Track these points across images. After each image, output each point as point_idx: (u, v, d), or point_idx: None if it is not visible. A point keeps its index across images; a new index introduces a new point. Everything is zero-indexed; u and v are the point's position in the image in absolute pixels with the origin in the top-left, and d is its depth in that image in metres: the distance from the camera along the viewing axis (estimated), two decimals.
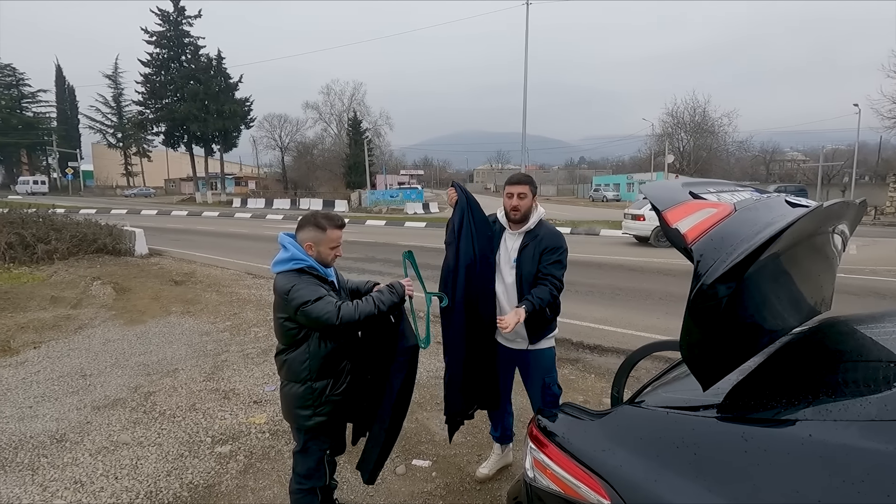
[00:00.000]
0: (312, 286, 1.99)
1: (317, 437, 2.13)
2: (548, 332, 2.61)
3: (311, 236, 2.08)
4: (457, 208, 2.45)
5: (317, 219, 2.11)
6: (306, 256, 2.06)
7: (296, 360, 2.05)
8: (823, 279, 1.90)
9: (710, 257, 1.23)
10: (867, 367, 1.31)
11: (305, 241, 2.08)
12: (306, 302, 1.94)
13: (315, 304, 1.94)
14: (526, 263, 2.47)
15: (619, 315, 6.48)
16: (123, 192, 55.39)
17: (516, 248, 2.51)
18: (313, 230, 2.09)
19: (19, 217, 10.83)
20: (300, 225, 2.13)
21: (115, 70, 57.10)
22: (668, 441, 1.25)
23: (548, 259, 2.46)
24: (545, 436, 1.52)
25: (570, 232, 17.79)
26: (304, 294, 1.95)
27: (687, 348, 1.23)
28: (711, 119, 44.89)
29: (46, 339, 5.40)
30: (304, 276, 2.03)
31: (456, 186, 2.50)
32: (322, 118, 57.51)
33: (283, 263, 2.04)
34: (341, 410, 2.17)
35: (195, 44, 41.25)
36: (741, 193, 1.77)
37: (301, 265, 2.03)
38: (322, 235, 2.09)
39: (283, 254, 2.06)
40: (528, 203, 2.48)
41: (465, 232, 2.40)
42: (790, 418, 1.11)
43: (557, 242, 2.50)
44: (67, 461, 3.06)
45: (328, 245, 2.11)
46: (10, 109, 54.12)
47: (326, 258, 2.12)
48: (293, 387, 2.07)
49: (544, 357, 2.64)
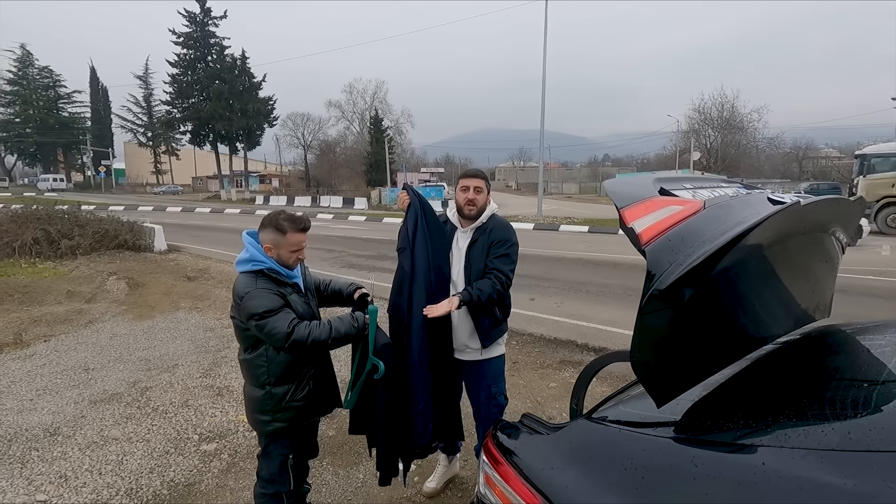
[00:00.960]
0: (268, 295, 1.89)
1: (277, 441, 2.07)
2: (497, 336, 2.47)
3: (270, 238, 1.98)
4: (409, 212, 2.33)
5: (278, 220, 1.98)
6: (265, 258, 1.97)
7: (253, 363, 1.98)
8: (820, 283, 1.74)
9: (664, 260, 1.11)
10: (840, 387, 1.17)
11: (265, 243, 1.98)
12: (257, 314, 1.85)
13: (267, 319, 1.85)
14: (475, 260, 2.37)
15: (630, 317, 6.22)
16: (153, 189, 57.07)
17: (466, 246, 2.41)
18: (273, 232, 1.97)
19: (46, 213, 11.20)
20: (262, 224, 2.01)
21: (146, 71, 58.80)
22: (617, 461, 1.14)
23: (495, 252, 2.35)
24: (500, 452, 1.41)
25: (587, 230, 17.47)
26: (257, 304, 1.86)
27: (637, 360, 1.11)
28: (740, 115, 43.52)
29: (57, 333, 5.52)
30: (262, 280, 1.94)
31: (407, 189, 2.41)
32: (344, 116, 58.05)
33: (243, 264, 1.97)
34: (305, 415, 2.09)
35: (220, 44, 42.11)
36: (722, 190, 1.63)
37: (259, 267, 1.95)
38: (281, 238, 1.97)
39: (243, 253, 1.98)
40: (484, 198, 2.41)
41: (419, 236, 2.29)
42: (746, 443, 0.99)
43: (506, 235, 2.40)
44: (57, 455, 3.09)
45: (288, 248, 1.99)
46: (48, 110, 56.24)
47: (287, 261, 2.01)
48: (253, 390, 2.01)
49: (493, 366, 2.51)
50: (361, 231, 17.39)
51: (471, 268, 2.37)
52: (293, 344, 1.85)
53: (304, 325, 1.89)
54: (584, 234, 17.03)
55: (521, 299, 6.81)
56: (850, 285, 7.84)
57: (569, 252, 12.13)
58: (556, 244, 13.73)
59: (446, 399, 2.51)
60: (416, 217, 2.31)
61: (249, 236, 2.03)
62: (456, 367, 2.51)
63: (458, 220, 2.48)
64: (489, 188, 2.47)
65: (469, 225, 2.44)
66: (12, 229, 10.20)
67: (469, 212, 2.40)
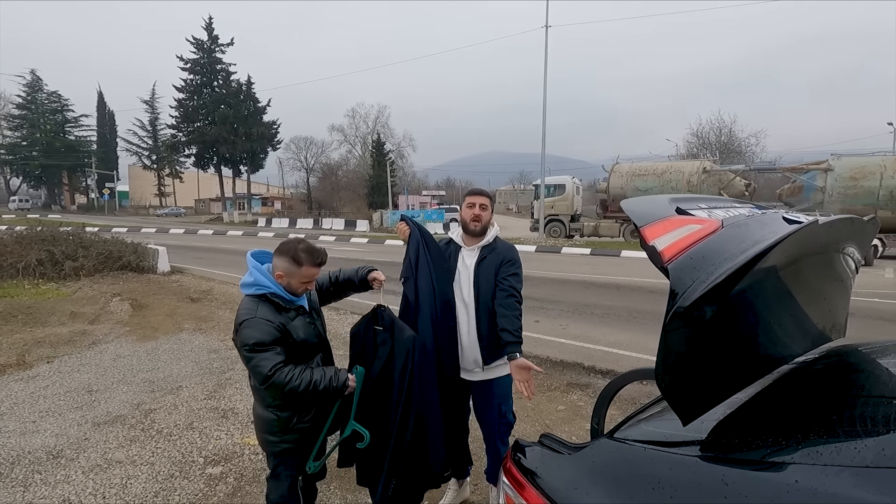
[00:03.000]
0: (265, 327, 1.87)
1: (285, 461, 2.04)
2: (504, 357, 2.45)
3: (284, 267, 1.96)
4: (411, 242, 2.37)
5: (296, 251, 1.96)
6: (271, 283, 1.95)
7: (258, 386, 1.97)
8: (835, 303, 1.74)
9: (688, 277, 1.12)
10: (868, 403, 1.16)
11: (278, 270, 1.97)
12: (248, 345, 1.84)
13: (255, 353, 1.84)
14: (484, 276, 2.39)
15: (636, 339, 6.24)
16: (156, 211, 57.43)
17: (474, 263, 2.43)
18: (289, 262, 1.95)
19: (51, 234, 11.25)
20: (279, 251, 1.99)
21: (153, 95, 59.77)
22: (644, 480, 1.13)
23: (507, 271, 2.38)
24: (521, 472, 1.40)
25: (590, 252, 17.49)
26: (249, 334, 1.85)
27: (663, 378, 1.11)
28: (738, 139, 43.99)
29: (60, 354, 5.49)
30: (263, 306, 1.92)
31: (406, 220, 2.46)
32: (347, 140, 58.89)
33: (247, 287, 1.96)
34: (312, 436, 2.07)
35: (227, 70, 42.96)
36: (737, 210, 1.65)
37: (262, 291, 1.94)
38: (296, 270, 1.96)
39: (247, 276, 1.97)
40: (489, 215, 2.46)
41: (422, 265, 2.31)
42: (776, 461, 0.98)
43: (514, 255, 2.46)
44: (60, 478, 3.04)
45: (300, 279, 1.98)
46: (54, 133, 57.07)
47: (296, 290, 2.00)
48: (261, 410, 2.00)
49: (501, 385, 2.50)
50: (364, 253, 17.43)
51: (479, 285, 2.39)
52: (271, 386, 1.85)
53: (285, 373, 1.86)
54: (587, 256, 17.05)
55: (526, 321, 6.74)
56: (856, 308, 7.80)
57: (572, 274, 12.13)
58: (559, 266, 13.73)
59: (455, 424, 2.50)
60: (418, 246, 2.33)
61: (254, 258, 2.02)
62: (464, 389, 2.51)
63: (462, 238, 2.51)
64: (493, 208, 2.53)
65: (474, 243, 2.47)
66: (17, 250, 10.23)
67: (474, 227, 2.43)
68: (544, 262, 14.30)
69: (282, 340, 1.91)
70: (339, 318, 7.06)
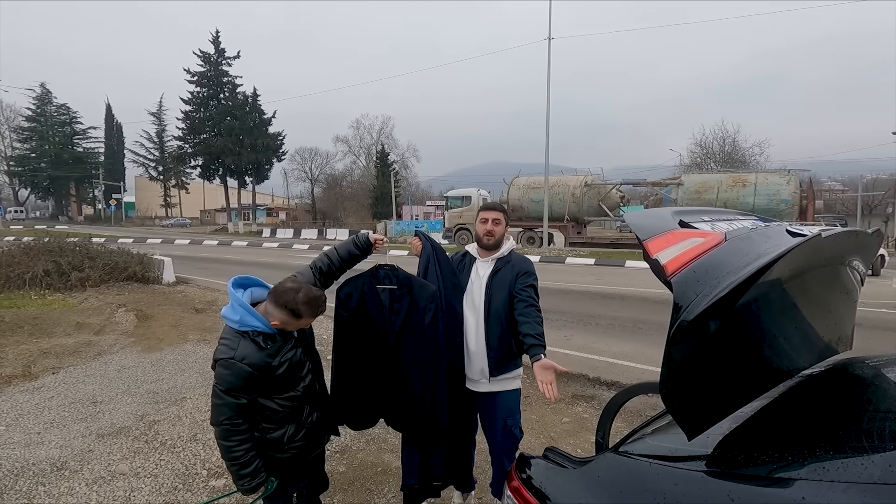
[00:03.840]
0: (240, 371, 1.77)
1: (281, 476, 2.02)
2: (513, 370, 2.48)
3: (282, 319, 1.85)
4: (422, 255, 2.42)
5: (296, 305, 1.83)
6: (258, 322, 1.83)
7: None
8: (841, 315, 1.73)
9: (691, 291, 1.12)
10: (875, 418, 1.15)
11: (274, 319, 1.85)
12: (219, 385, 1.79)
13: (220, 395, 1.79)
14: (498, 287, 2.41)
15: (640, 350, 6.20)
16: (161, 222, 57.86)
17: (488, 273, 2.45)
18: (287, 315, 1.85)
19: (57, 245, 11.34)
20: (276, 301, 1.85)
21: (160, 108, 60.61)
22: (650, 495, 1.12)
23: (524, 282, 2.40)
24: (525, 486, 1.39)
25: (594, 262, 17.45)
26: (223, 377, 1.78)
27: (667, 392, 1.11)
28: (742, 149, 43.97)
29: (65, 365, 5.51)
30: (246, 342, 1.82)
31: (419, 235, 2.51)
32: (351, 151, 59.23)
33: (230, 322, 1.85)
34: (305, 452, 2.05)
35: (233, 82, 43.45)
36: (740, 222, 1.65)
37: (245, 328, 1.84)
38: (294, 322, 1.87)
39: (230, 311, 1.85)
40: (502, 230, 2.49)
41: (430, 279, 2.34)
42: (783, 477, 0.97)
43: (530, 267, 2.49)
44: (63, 490, 3.04)
45: (297, 327, 1.93)
46: (63, 145, 57.85)
47: (289, 332, 1.95)
48: None
49: (509, 399, 2.50)
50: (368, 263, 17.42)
51: (492, 296, 2.40)
52: (216, 431, 1.83)
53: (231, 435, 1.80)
54: (591, 266, 16.99)
55: None
56: (863, 318, 7.75)
57: (576, 284, 12.09)
58: (563, 276, 13.69)
59: (461, 435, 2.49)
60: (428, 260, 2.38)
61: (237, 288, 1.90)
62: (470, 400, 2.50)
63: (477, 251, 2.54)
64: (507, 222, 2.55)
65: (489, 255, 2.49)
66: (24, 261, 10.30)
67: (487, 241, 2.47)
68: (548, 273, 14.26)
69: (258, 382, 1.83)
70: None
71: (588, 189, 23.53)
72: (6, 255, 10.56)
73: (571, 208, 23.23)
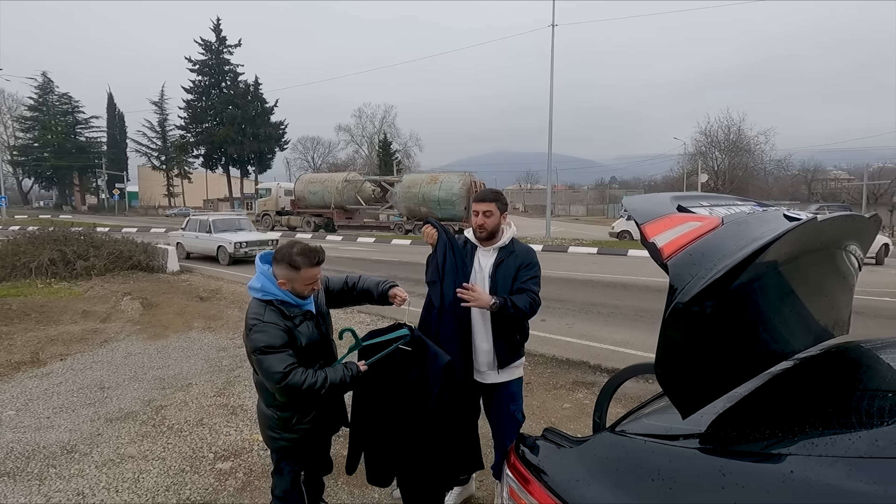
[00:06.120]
0: (273, 330, 1.89)
1: (288, 457, 2.08)
2: (517, 360, 2.51)
3: (284, 274, 1.96)
4: (439, 245, 2.37)
5: (292, 257, 1.95)
6: (276, 290, 1.97)
7: (262, 386, 2.01)
8: (837, 299, 1.75)
9: (687, 273, 1.14)
10: (864, 396, 1.18)
11: (279, 278, 1.97)
12: (258, 349, 1.87)
13: (266, 355, 1.86)
14: (502, 278, 2.39)
15: (641, 338, 6.23)
16: (165, 211, 57.97)
17: (491, 264, 2.43)
18: (286, 269, 1.96)
19: (62, 235, 11.41)
20: (275, 259, 1.99)
21: (162, 97, 60.31)
22: (643, 473, 1.15)
23: (525, 275, 2.39)
24: (524, 465, 1.42)
25: (596, 252, 17.45)
26: (261, 339, 1.87)
27: (662, 372, 1.14)
28: (747, 137, 43.68)
29: (73, 352, 5.59)
30: (270, 311, 1.94)
31: (431, 223, 2.44)
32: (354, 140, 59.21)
33: (254, 291, 1.99)
34: (311, 436, 2.09)
35: (234, 71, 43.36)
36: (738, 207, 1.67)
37: (268, 297, 1.96)
38: (295, 274, 1.96)
39: (254, 281, 1.99)
40: (495, 221, 2.41)
41: (448, 270, 2.31)
42: (773, 453, 1.00)
43: (532, 258, 2.47)
44: (74, 472, 3.11)
45: (303, 283, 1.99)
46: (66, 135, 57.83)
47: (302, 293, 2.02)
48: (263, 407, 2.04)
49: (512, 387, 2.54)
50: (371, 253, 17.49)
51: (497, 287, 2.38)
52: (286, 387, 1.85)
53: (300, 372, 1.88)
54: (593, 255, 17.00)
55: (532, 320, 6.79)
56: (866, 307, 7.75)
57: (578, 273, 12.12)
58: (566, 265, 13.72)
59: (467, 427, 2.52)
60: (445, 249, 2.33)
61: (263, 263, 2.03)
62: (475, 390, 2.54)
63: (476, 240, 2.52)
64: (503, 209, 2.45)
65: (490, 244, 2.46)
66: (30, 250, 10.40)
67: (480, 234, 2.43)
68: (551, 262, 14.28)
69: (290, 344, 1.94)
70: (346, 318, 7.11)
71: (347, 184, 28.98)
72: (12, 245, 10.66)
73: (336, 199, 28.49)
